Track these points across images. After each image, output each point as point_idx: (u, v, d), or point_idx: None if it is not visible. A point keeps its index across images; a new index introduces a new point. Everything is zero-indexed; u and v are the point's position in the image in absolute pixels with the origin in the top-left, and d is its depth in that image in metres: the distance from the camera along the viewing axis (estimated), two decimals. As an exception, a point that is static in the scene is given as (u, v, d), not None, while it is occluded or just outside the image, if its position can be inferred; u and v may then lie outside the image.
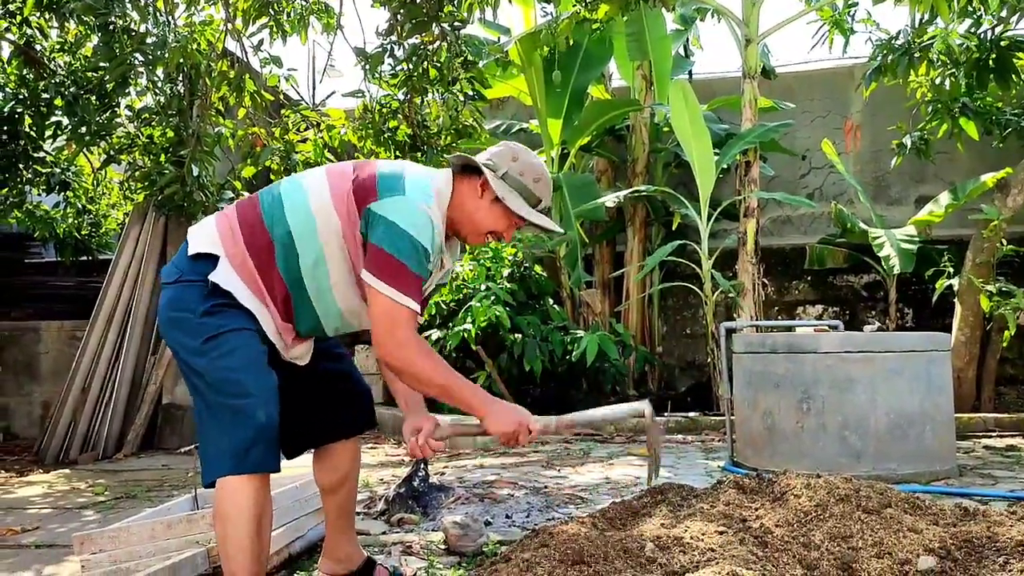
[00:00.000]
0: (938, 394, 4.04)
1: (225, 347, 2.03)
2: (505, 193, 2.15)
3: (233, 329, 2.05)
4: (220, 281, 2.06)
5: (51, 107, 6.24)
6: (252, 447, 1.97)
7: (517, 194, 2.16)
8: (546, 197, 2.23)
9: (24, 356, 7.56)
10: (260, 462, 1.98)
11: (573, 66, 7.99)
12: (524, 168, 2.18)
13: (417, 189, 2.07)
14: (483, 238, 2.22)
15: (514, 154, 2.20)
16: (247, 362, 2.03)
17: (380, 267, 2.00)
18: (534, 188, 2.18)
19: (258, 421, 1.97)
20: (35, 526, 3.70)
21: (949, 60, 6.42)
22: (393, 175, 2.11)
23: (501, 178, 2.15)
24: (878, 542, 2.19)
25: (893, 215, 8.02)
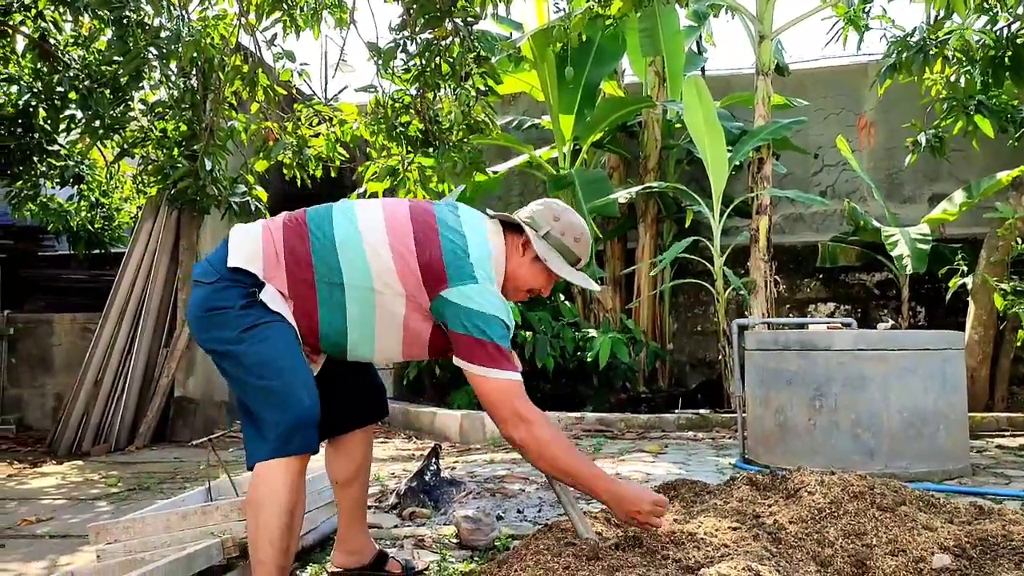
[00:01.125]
0: (952, 393, 4.02)
1: (264, 334, 2.06)
2: (546, 253, 2.21)
3: (270, 321, 2.08)
4: (268, 301, 2.10)
5: (65, 100, 6.26)
6: (296, 430, 2.01)
7: (557, 253, 2.22)
8: (585, 256, 2.28)
9: (37, 348, 7.61)
10: (304, 444, 2.02)
11: (586, 62, 7.97)
12: (565, 228, 2.23)
13: (483, 271, 2.12)
14: (523, 295, 2.30)
15: (555, 214, 2.25)
16: (287, 349, 2.07)
17: (478, 354, 2.06)
18: (574, 247, 2.24)
19: (303, 403, 2.02)
20: (49, 516, 3.73)
21: (965, 57, 6.37)
22: (457, 255, 2.12)
23: (543, 237, 2.21)
24: (892, 540, 2.18)
25: (907, 213, 7.98)
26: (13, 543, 3.25)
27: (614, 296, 8.05)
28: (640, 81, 8.44)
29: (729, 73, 8.98)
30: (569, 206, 2.32)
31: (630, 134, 8.51)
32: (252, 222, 2.28)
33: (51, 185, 7.51)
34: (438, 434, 6.01)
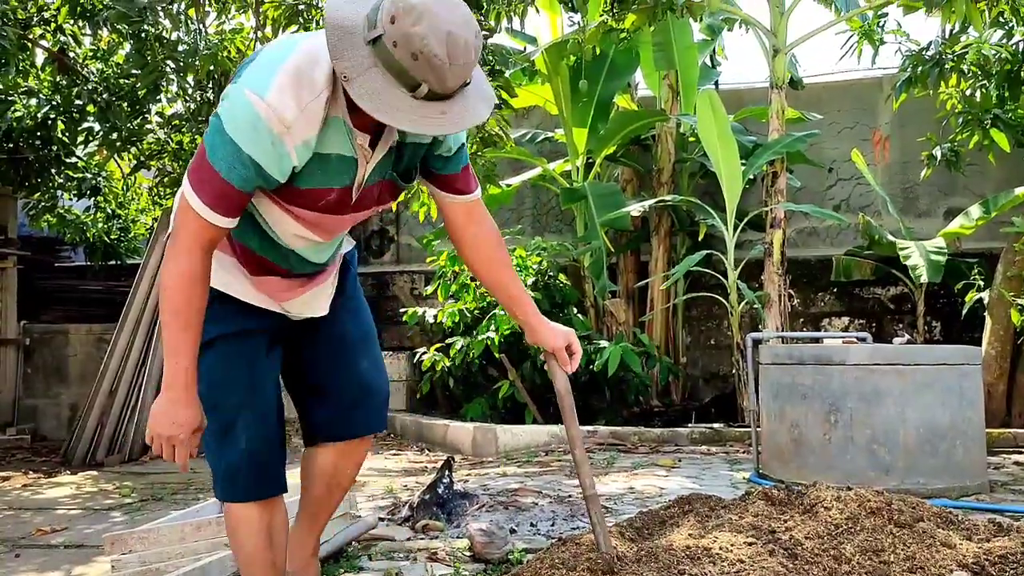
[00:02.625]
0: (969, 408, 3.99)
1: (209, 360, 1.83)
2: (355, 71, 1.52)
3: (217, 338, 1.85)
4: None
5: (83, 113, 6.34)
6: (238, 474, 1.89)
7: (383, 70, 1.53)
8: (435, 81, 1.53)
9: (53, 358, 7.66)
10: (249, 489, 1.89)
11: (599, 75, 7.99)
12: (399, 37, 1.51)
13: (258, 72, 1.62)
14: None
15: (395, 11, 1.51)
16: (231, 378, 1.86)
17: (195, 167, 1.66)
18: (412, 68, 1.52)
19: (239, 448, 1.87)
20: (64, 527, 3.74)
21: (981, 71, 6.36)
22: (251, 57, 1.71)
23: (371, 42, 1.53)
24: (910, 556, 2.16)
25: (922, 227, 7.94)
26: (28, 553, 3.26)
27: (627, 309, 8.03)
28: (654, 95, 8.45)
29: (743, 87, 8.98)
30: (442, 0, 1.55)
31: (643, 147, 8.52)
32: None
33: (68, 197, 7.59)
34: (450, 447, 6.01)
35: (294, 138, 1.62)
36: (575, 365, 2.08)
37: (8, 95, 6.44)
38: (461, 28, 1.54)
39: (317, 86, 1.62)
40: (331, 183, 1.73)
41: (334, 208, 1.78)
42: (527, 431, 5.97)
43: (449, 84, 1.55)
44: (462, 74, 1.56)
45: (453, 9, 1.55)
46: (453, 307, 6.95)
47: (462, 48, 1.53)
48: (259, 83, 1.60)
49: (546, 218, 9.10)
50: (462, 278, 7.09)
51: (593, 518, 2.10)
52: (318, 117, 1.63)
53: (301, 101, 1.60)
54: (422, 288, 8.46)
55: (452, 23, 1.53)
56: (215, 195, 1.64)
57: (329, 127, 1.67)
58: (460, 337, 6.82)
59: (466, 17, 1.56)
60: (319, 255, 1.93)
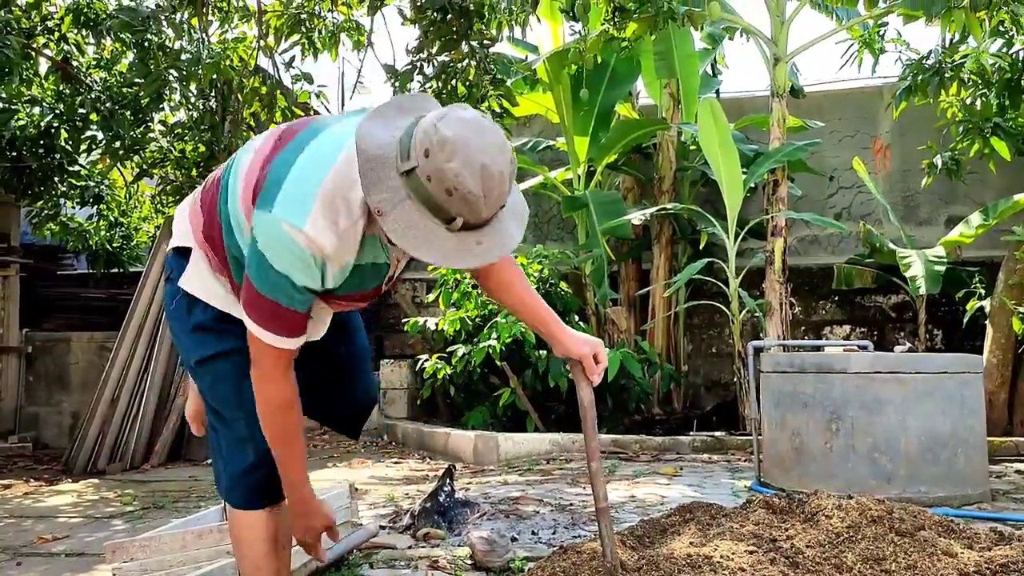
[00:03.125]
0: (971, 417, 3.99)
1: (216, 373, 1.90)
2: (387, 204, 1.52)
3: (221, 353, 1.89)
4: (188, 288, 1.89)
5: (87, 122, 6.36)
6: (249, 481, 1.92)
7: (418, 204, 1.53)
8: (470, 214, 1.54)
9: (55, 366, 7.67)
10: (261, 496, 1.92)
11: (600, 84, 8.01)
12: (434, 171, 1.51)
13: (290, 204, 1.61)
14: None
15: (430, 144, 1.51)
16: (237, 392, 1.88)
17: (251, 303, 1.69)
18: (446, 203, 1.52)
19: (250, 457, 1.91)
20: (65, 535, 3.74)
21: (981, 80, 6.37)
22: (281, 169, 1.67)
23: (405, 173, 1.53)
24: (912, 565, 2.17)
25: (923, 235, 7.95)
26: (30, 561, 3.26)
27: (628, 317, 8.03)
28: (655, 103, 8.47)
29: (744, 95, 9.00)
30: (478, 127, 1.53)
31: (645, 156, 8.53)
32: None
33: (71, 205, 7.62)
34: (452, 455, 6.00)
35: (333, 264, 1.67)
36: (600, 374, 2.07)
37: (12, 104, 6.47)
38: (495, 159, 1.53)
39: (353, 211, 1.64)
40: (366, 286, 1.82)
41: (362, 299, 1.89)
42: (529, 439, 5.97)
43: (484, 216, 1.56)
44: (497, 204, 1.57)
45: (486, 138, 1.54)
46: (454, 315, 6.95)
47: (497, 180, 1.54)
48: (295, 215, 1.61)
49: (547, 226, 9.12)
50: (463, 286, 7.09)
51: (603, 530, 2.10)
52: (355, 241, 1.66)
53: (338, 228, 1.62)
54: (424, 296, 8.47)
55: (486, 154, 1.52)
56: (282, 324, 1.70)
57: (365, 243, 1.71)
58: (461, 345, 6.83)
59: (500, 145, 1.56)
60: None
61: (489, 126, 1.57)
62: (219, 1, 6.24)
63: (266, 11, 6.02)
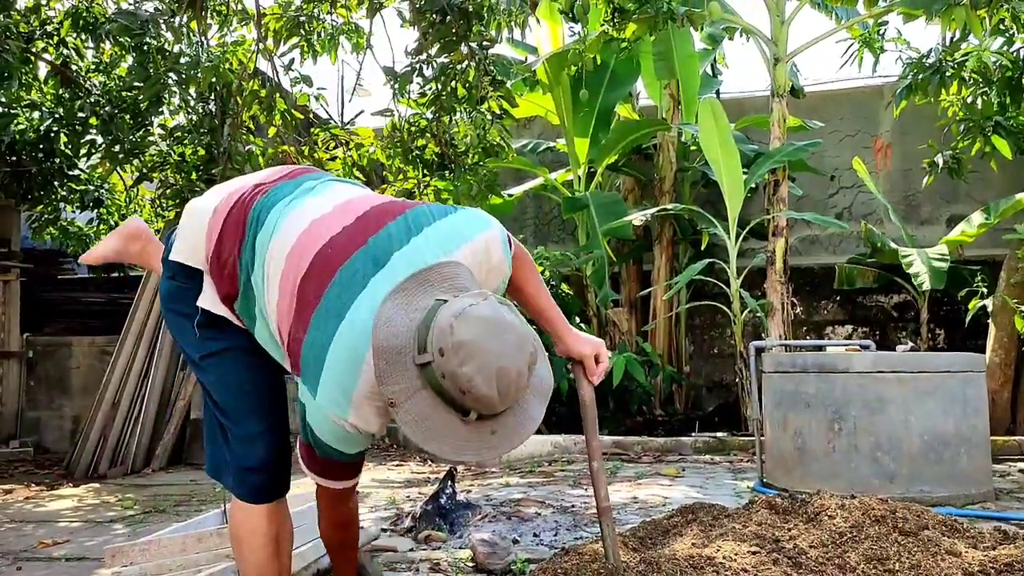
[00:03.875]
0: (974, 416, 3.97)
1: (224, 369, 1.91)
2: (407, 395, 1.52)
3: (230, 348, 1.90)
4: (208, 307, 1.89)
5: (86, 126, 6.35)
6: (245, 476, 1.92)
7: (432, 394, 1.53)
8: (484, 408, 1.53)
9: (56, 371, 7.65)
10: (254, 492, 1.92)
11: (600, 85, 8.01)
12: (449, 371, 1.49)
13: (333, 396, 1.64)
14: None
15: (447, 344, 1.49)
16: (244, 387, 1.90)
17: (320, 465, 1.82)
18: (460, 399, 1.52)
19: (254, 454, 1.91)
20: (66, 539, 3.73)
21: (982, 78, 6.36)
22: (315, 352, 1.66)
23: (422, 365, 1.52)
24: (915, 565, 2.15)
25: (924, 235, 7.93)
26: (30, 566, 3.25)
27: (630, 319, 8.02)
28: (655, 104, 8.46)
29: (744, 95, 8.99)
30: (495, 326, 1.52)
31: (645, 157, 8.53)
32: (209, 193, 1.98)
33: (71, 209, 7.61)
34: (453, 457, 5.98)
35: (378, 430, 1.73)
36: (601, 375, 2.07)
37: (11, 108, 6.46)
38: (512, 360, 1.52)
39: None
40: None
41: None
42: (530, 441, 5.94)
43: (499, 410, 1.55)
44: (513, 400, 1.56)
45: (504, 338, 1.52)
46: (455, 317, 6.94)
47: (513, 380, 1.53)
48: (339, 408, 1.65)
49: (548, 228, 9.11)
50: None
51: (604, 531, 2.09)
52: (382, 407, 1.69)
53: (381, 410, 1.66)
54: (424, 298, 8.46)
55: (502, 356, 1.51)
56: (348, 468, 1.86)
57: None
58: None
59: (518, 343, 1.54)
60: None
61: (508, 322, 1.54)
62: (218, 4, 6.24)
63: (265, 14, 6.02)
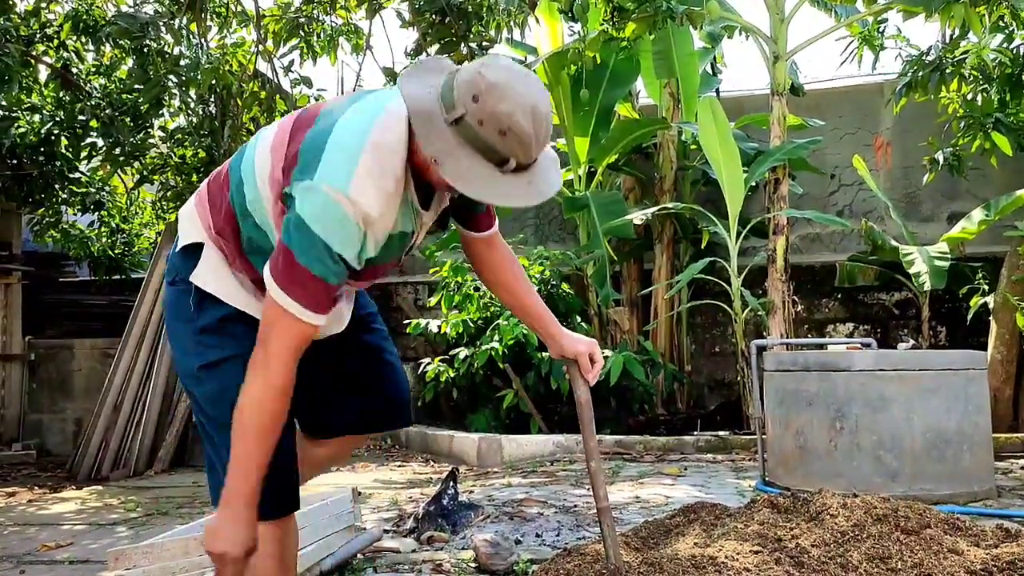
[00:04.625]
0: (976, 413, 3.97)
1: (224, 379, 1.76)
2: (443, 153, 1.56)
3: (230, 357, 1.78)
4: (201, 283, 1.80)
5: (87, 128, 6.38)
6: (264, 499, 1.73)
7: (471, 150, 1.57)
8: (522, 154, 1.58)
9: (58, 373, 7.67)
10: (266, 510, 1.76)
11: (600, 84, 8.00)
12: (486, 115, 1.55)
13: (333, 167, 1.59)
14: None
15: (478, 90, 1.55)
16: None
17: (282, 268, 1.61)
18: (499, 144, 1.56)
19: (272, 479, 1.74)
20: (69, 542, 3.73)
21: (981, 75, 6.36)
22: (317, 138, 1.64)
23: (455, 123, 1.57)
24: (918, 563, 2.15)
25: (925, 232, 7.93)
26: (33, 569, 3.25)
27: (631, 318, 8.02)
28: (655, 103, 8.46)
29: (744, 94, 8.99)
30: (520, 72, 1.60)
31: (645, 156, 8.52)
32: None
33: (72, 212, 7.63)
34: (456, 457, 5.99)
35: (375, 232, 1.65)
36: (596, 374, 2.07)
37: (12, 111, 6.48)
38: (542, 100, 1.60)
39: (397, 176, 1.64)
40: (390, 258, 1.78)
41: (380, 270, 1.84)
42: (532, 441, 5.96)
43: (534, 155, 1.61)
44: (545, 143, 1.63)
45: (529, 82, 1.60)
46: (456, 318, 6.95)
47: (545, 120, 1.60)
48: (338, 179, 1.58)
49: (548, 227, 9.11)
50: (465, 289, 7.09)
51: (604, 531, 2.08)
52: (395, 206, 1.66)
53: (382, 193, 1.61)
54: (425, 299, 8.46)
55: (533, 95, 1.58)
56: (312, 295, 1.61)
57: (401, 211, 1.70)
58: (464, 348, 6.82)
59: (542, 88, 1.63)
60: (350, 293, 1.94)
61: (528, 71, 1.63)
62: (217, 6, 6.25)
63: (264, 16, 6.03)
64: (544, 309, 2.07)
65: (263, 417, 1.63)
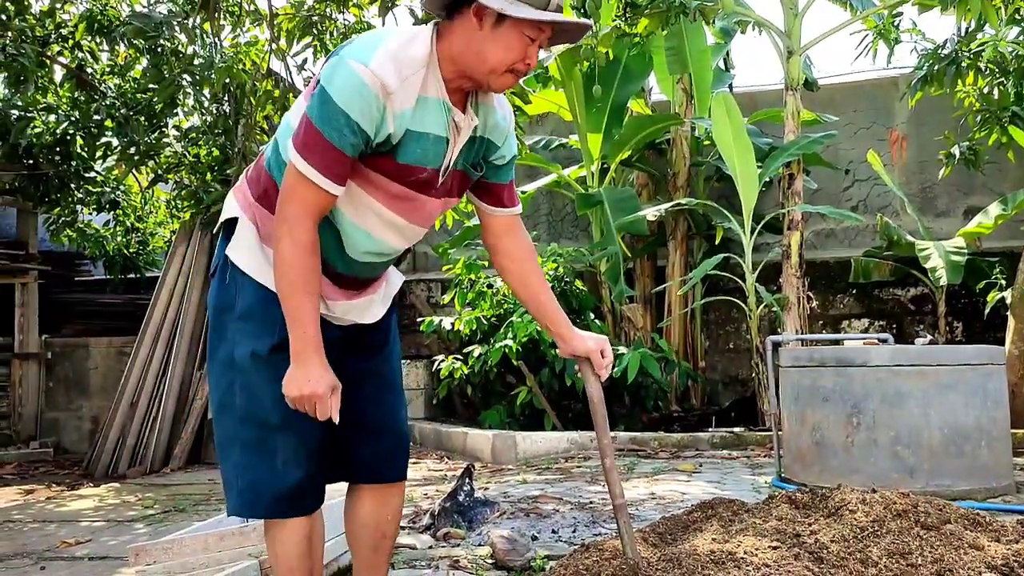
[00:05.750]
0: (994, 408, 3.94)
1: (253, 372, 1.80)
2: (505, 4, 1.68)
3: (265, 350, 1.80)
4: (234, 256, 1.84)
5: (102, 128, 6.41)
6: (264, 492, 1.81)
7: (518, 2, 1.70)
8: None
9: (74, 372, 7.73)
10: (278, 509, 1.82)
11: (613, 80, 7.99)
12: None
13: (360, 47, 1.71)
14: (506, 77, 1.77)
15: None
16: (275, 396, 1.76)
17: (302, 135, 1.69)
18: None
19: (273, 467, 1.80)
20: (88, 538, 3.76)
21: (998, 68, 6.31)
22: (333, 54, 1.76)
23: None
24: (938, 559, 2.14)
25: (941, 227, 7.88)
26: (53, 565, 3.28)
27: (645, 314, 8.01)
28: (667, 99, 8.44)
29: (757, 89, 8.95)
30: None
31: (659, 152, 8.50)
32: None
33: (88, 211, 7.67)
34: (470, 454, 6.00)
35: (393, 105, 1.69)
36: (607, 369, 2.09)
37: (28, 112, 6.52)
38: None
39: (416, 62, 1.72)
40: (427, 162, 1.79)
41: (421, 187, 1.82)
42: (546, 438, 5.96)
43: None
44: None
45: None
46: (470, 315, 6.95)
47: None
48: (362, 54, 1.67)
49: (562, 224, 9.10)
50: (478, 286, 7.09)
51: (621, 527, 2.08)
52: (415, 91, 1.72)
53: (401, 73, 1.69)
54: (439, 296, 8.48)
55: None
56: (328, 163, 1.68)
57: (427, 106, 1.75)
58: (478, 345, 6.82)
59: None
60: (382, 257, 1.92)
61: None
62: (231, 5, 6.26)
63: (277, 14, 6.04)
64: (557, 307, 2.08)
65: (296, 273, 1.71)
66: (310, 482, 1.85)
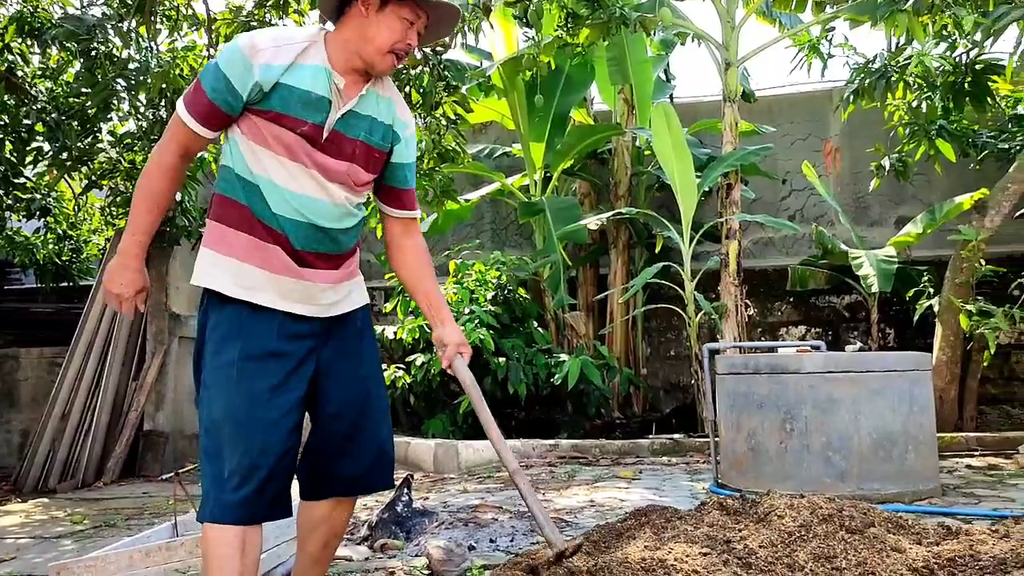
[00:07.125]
0: (920, 414, 4.06)
1: (229, 382, 1.91)
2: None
3: (240, 359, 1.91)
4: (195, 279, 2.00)
5: (32, 133, 6.22)
6: (235, 503, 1.86)
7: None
8: None
9: (3, 383, 7.48)
10: (245, 517, 1.87)
11: (555, 90, 8.05)
12: None
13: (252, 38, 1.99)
14: (390, 58, 2.01)
15: None
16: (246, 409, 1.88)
17: (188, 91, 2.01)
18: None
19: (243, 478, 1.86)
20: (12, 556, 3.64)
21: (925, 83, 6.52)
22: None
23: None
24: (862, 562, 2.19)
25: (873, 236, 8.10)
26: (-26, 585, 3.17)
27: (587, 322, 8.06)
28: (609, 109, 8.53)
29: (697, 100, 9.09)
30: None
31: (600, 161, 8.58)
32: None
33: (17, 218, 7.43)
34: (412, 464, 5.97)
35: (259, 60, 1.93)
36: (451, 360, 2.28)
37: (-46, 115, 6.30)
38: None
39: (294, 37, 2.00)
40: (307, 116, 1.98)
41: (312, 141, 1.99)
42: (488, 446, 5.94)
43: None
44: None
45: None
46: (413, 323, 6.92)
47: None
48: (247, 36, 1.97)
49: (505, 232, 9.12)
50: (421, 294, 7.06)
51: (522, 490, 2.17)
52: (290, 55, 1.96)
53: (276, 41, 1.97)
54: (381, 304, 8.42)
55: None
56: (201, 111, 1.97)
57: (304, 69, 1.98)
58: (420, 353, 6.79)
59: None
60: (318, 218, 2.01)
61: None
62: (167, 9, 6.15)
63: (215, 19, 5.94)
64: (442, 299, 2.31)
65: (150, 186, 2.01)
66: (257, 496, 1.89)
